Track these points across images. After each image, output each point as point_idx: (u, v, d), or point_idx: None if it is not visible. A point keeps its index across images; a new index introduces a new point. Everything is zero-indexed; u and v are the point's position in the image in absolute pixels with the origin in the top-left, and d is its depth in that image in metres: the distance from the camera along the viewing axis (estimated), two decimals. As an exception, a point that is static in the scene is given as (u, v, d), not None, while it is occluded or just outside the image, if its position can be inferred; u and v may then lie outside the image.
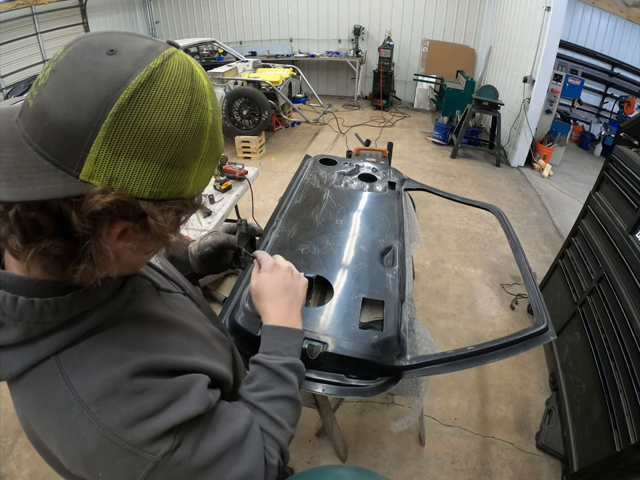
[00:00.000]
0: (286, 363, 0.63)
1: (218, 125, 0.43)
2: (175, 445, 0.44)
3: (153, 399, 0.43)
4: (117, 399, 0.42)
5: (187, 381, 0.47)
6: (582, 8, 5.66)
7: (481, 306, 2.62)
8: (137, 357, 0.45)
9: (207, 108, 0.40)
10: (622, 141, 1.95)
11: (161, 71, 0.37)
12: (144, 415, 0.42)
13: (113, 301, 0.47)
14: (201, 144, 0.41)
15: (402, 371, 1.07)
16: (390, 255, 1.42)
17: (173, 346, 0.50)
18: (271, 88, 4.72)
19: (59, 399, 0.41)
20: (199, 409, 0.47)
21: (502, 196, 4.17)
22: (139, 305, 0.51)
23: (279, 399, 0.60)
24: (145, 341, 0.48)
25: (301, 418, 2.10)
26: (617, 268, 1.64)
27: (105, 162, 0.35)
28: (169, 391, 0.45)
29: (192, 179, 0.42)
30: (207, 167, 0.44)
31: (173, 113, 0.37)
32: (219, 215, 2.14)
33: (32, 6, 5.32)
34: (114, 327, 0.46)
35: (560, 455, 1.70)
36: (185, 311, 0.59)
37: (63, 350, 0.42)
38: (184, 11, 7.82)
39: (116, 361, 0.43)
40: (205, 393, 0.48)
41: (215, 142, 0.43)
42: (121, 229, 0.39)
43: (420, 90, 7.17)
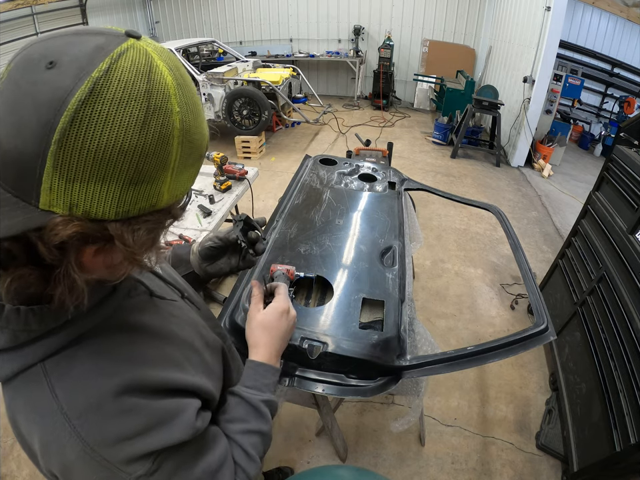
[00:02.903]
0: (265, 399, 0.64)
1: (190, 125, 0.39)
2: (152, 469, 0.44)
3: (136, 421, 0.43)
4: (100, 416, 0.41)
5: (175, 407, 0.46)
6: (582, 8, 5.66)
7: (481, 306, 2.62)
8: (124, 372, 0.44)
9: (171, 111, 0.36)
10: (622, 141, 1.95)
11: (107, 79, 0.33)
12: (125, 436, 0.42)
13: (103, 306, 0.46)
14: (167, 153, 0.37)
15: (402, 370, 1.07)
16: (390, 255, 1.42)
17: (165, 359, 0.49)
18: (271, 88, 4.72)
19: (44, 406, 0.41)
20: (183, 437, 0.46)
21: (502, 196, 4.17)
22: (130, 312, 0.49)
23: (254, 433, 0.61)
24: (134, 353, 0.46)
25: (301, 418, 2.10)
26: (616, 268, 1.64)
27: (60, 190, 0.33)
28: (154, 415, 0.44)
29: (165, 190, 0.39)
30: (185, 172, 0.41)
31: (126, 127, 0.33)
32: (219, 215, 2.13)
33: (32, 6, 5.32)
34: (103, 335, 0.45)
35: (560, 455, 1.70)
36: (180, 319, 0.58)
37: (50, 357, 0.41)
38: (184, 10, 7.82)
39: (103, 375, 0.42)
40: (192, 422, 0.47)
41: (190, 144, 0.39)
42: (91, 251, 0.38)
43: (420, 90, 7.16)
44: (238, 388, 0.64)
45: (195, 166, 0.43)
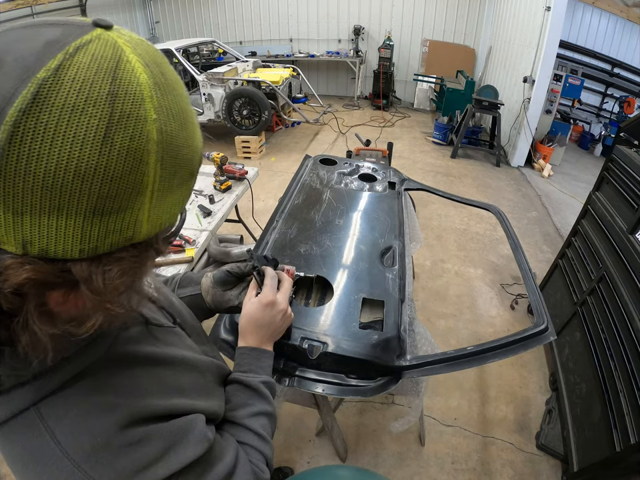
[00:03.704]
0: (263, 380, 0.64)
1: (174, 136, 0.31)
2: None
3: (149, 449, 0.40)
4: (110, 452, 0.38)
5: (185, 424, 0.45)
6: (582, 8, 5.66)
7: (481, 306, 2.62)
8: (127, 403, 0.41)
9: (145, 118, 0.29)
10: (622, 141, 1.95)
11: (56, 80, 0.26)
12: (142, 466, 0.39)
13: (98, 342, 0.42)
14: (141, 173, 0.29)
15: (402, 371, 1.07)
16: (390, 255, 1.42)
17: (166, 387, 0.47)
18: (271, 88, 4.72)
19: (45, 455, 0.37)
20: (199, 452, 0.44)
21: (502, 196, 4.17)
22: (127, 344, 0.46)
23: (260, 415, 0.61)
24: (135, 385, 0.43)
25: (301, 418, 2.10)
26: (616, 268, 1.64)
27: (7, 225, 0.27)
28: (166, 437, 0.42)
29: (144, 218, 0.31)
30: (170, 195, 0.33)
31: (82, 142, 0.26)
32: (219, 215, 2.13)
33: (32, 6, 5.33)
34: (101, 371, 0.41)
35: (560, 455, 1.70)
36: (179, 345, 0.55)
37: (44, 399, 0.37)
38: (184, 11, 7.82)
39: (105, 410, 0.39)
40: (204, 435, 0.46)
41: (173, 161, 0.32)
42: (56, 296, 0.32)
43: (420, 90, 7.17)
44: (235, 375, 0.64)
45: (185, 186, 0.35)
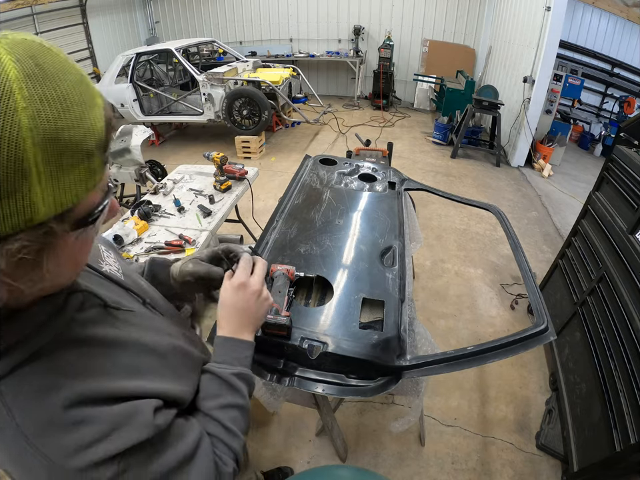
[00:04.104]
0: (235, 372, 0.63)
1: (53, 120, 0.33)
2: (119, 470, 0.44)
3: (91, 429, 0.43)
4: (56, 430, 0.42)
5: (130, 409, 0.46)
6: (582, 8, 5.66)
7: (481, 306, 2.62)
8: (72, 385, 0.43)
9: (14, 108, 0.31)
10: (622, 141, 1.95)
11: None
12: (84, 445, 0.42)
13: (53, 322, 0.45)
14: (19, 158, 0.31)
15: (402, 371, 1.07)
16: (390, 254, 1.42)
17: (119, 369, 0.49)
18: (271, 88, 4.72)
19: (4, 429, 0.41)
20: (143, 436, 0.46)
21: (502, 196, 4.17)
22: (83, 326, 0.48)
23: (230, 408, 0.60)
24: (85, 366, 0.46)
25: (301, 418, 2.09)
26: (616, 268, 1.64)
27: None
28: (108, 420, 0.44)
29: (37, 200, 0.33)
30: (66, 175, 0.35)
31: None
32: (219, 215, 2.14)
33: (32, 6, 5.32)
34: (56, 351, 0.44)
35: (560, 455, 1.70)
36: (140, 326, 0.57)
37: (4, 377, 0.41)
38: (184, 11, 7.82)
39: (52, 390, 0.42)
40: (149, 421, 0.47)
41: (55, 142, 0.33)
42: None
43: (420, 90, 7.16)
44: (208, 365, 0.64)
45: (82, 166, 0.37)
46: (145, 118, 5.16)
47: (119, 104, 5.02)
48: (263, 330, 1.04)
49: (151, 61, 5.55)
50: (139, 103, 5.08)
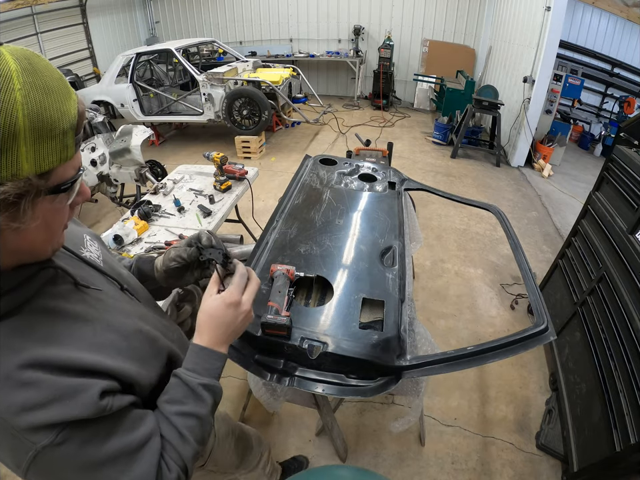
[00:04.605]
0: (203, 383, 0.63)
1: (38, 101, 0.43)
2: (57, 441, 0.47)
3: (37, 394, 0.46)
4: (7, 387, 0.46)
5: (77, 385, 0.49)
6: (582, 8, 5.66)
7: (481, 306, 2.62)
8: (31, 348, 0.48)
9: (12, 88, 0.41)
10: (622, 141, 1.94)
11: None
12: (27, 407, 0.46)
13: (21, 290, 0.50)
14: (12, 124, 0.41)
15: (402, 371, 1.07)
16: (390, 254, 1.42)
17: (79, 341, 0.53)
18: (271, 88, 4.72)
19: None
20: (85, 414, 0.48)
21: (502, 196, 4.17)
22: (53, 298, 0.54)
23: (190, 416, 0.61)
24: (47, 333, 0.51)
25: (301, 418, 2.08)
26: (616, 268, 1.64)
27: None
28: (55, 389, 0.48)
29: (22, 159, 0.43)
30: (43, 144, 0.45)
31: None
32: (219, 215, 2.14)
33: (32, 6, 5.32)
34: (22, 316, 0.50)
35: (560, 455, 1.70)
36: (109, 306, 0.62)
37: None
38: (184, 11, 7.82)
39: (12, 350, 0.47)
40: (94, 401, 0.49)
41: (40, 116, 0.43)
42: None
43: (420, 90, 7.16)
44: (179, 370, 0.65)
45: (59, 140, 0.46)
46: (145, 118, 5.16)
47: (119, 104, 5.02)
48: (263, 330, 1.04)
49: (150, 61, 5.55)
50: (139, 103, 5.09)
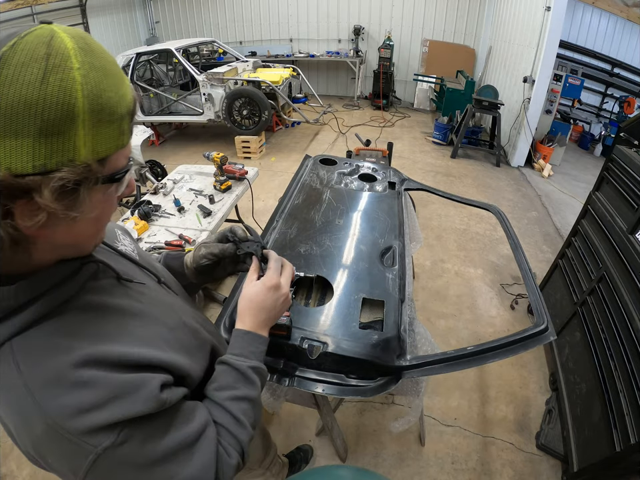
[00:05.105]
0: (252, 365, 0.65)
1: (97, 82, 0.41)
2: (118, 440, 0.44)
3: (94, 393, 0.44)
4: (59, 388, 0.43)
5: (136, 380, 0.47)
6: (582, 8, 5.65)
7: (481, 306, 2.62)
8: (83, 347, 0.45)
9: (71, 67, 0.39)
10: (622, 141, 1.94)
11: (13, 51, 0.37)
12: (84, 408, 0.43)
13: (64, 287, 0.48)
14: (71, 105, 0.39)
15: (402, 371, 1.07)
16: (390, 255, 1.42)
17: (130, 336, 0.51)
18: (271, 88, 4.72)
19: (10, 383, 0.43)
20: (146, 409, 0.46)
21: (502, 196, 4.17)
22: (97, 293, 0.52)
23: (243, 400, 0.61)
24: (96, 330, 0.48)
25: (301, 418, 2.08)
26: (616, 268, 1.64)
27: None
28: (114, 386, 0.45)
29: (80, 144, 0.40)
30: (102, 128, 0.42)
31: (28, 84, 0.37)
32: (219, 215, 2.13)
33: (32, 6, 5.32)
34: (68, 313, 0.47)
35: (560, 455, 1.70)
36: (152, 299, 0.60)
37: (15, 336, 0.44)
38: (184, 11, 7.81)
39: (62, 350, 0.44)
40: (155, 394, 0.48)
41: (98, 99, 0.41)
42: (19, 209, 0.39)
43: (420, 90, 7.16)
44: (225, 356, 0.66)
45: (116, 125, 0.44)
46: (145, 118, 5.16)
47: (119, 104, 5.01)
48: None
49: (150, 60, 5.54)
50: (139, 103, 5.07)
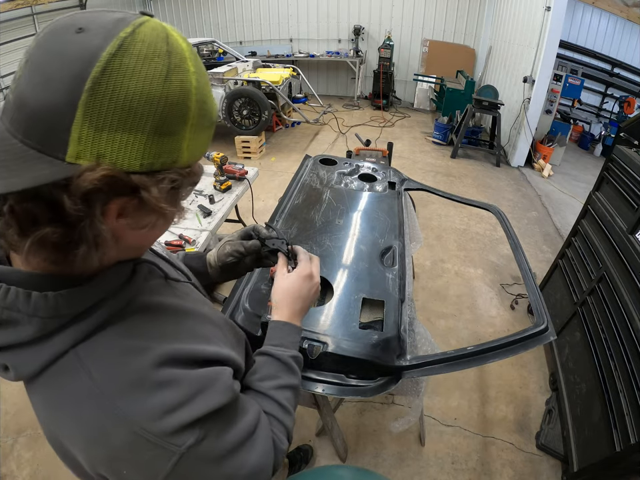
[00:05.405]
0: (292, 355, 0.67)
1: (204, 86, 0.42)
2: (200, 436, 0.43)
3: (178, 391, 0.43)
4: (143, 391, 0.41)
5: (212, 373, 0.48)
6: (582, 8, 5.66)
7: (481, 306, 2.62)
8: (156, 347, 0.44)
9: (188, 70, 0.39)
10: (622, 141, 1.94)
11: (133, 39, 0.35)
12: (171, 407, 0.42)
13: (125, 290, 0.46)
14: (187, 107, 0.39)
15: (402, 371, 1.07)
16: (390, 254, 1.42)
17: (191, 334, 0.50)
18: (271, 88, 4.72)
19: (82, 394, 0.40)
20: (224, 400, 0.47)
21: (502, 196, 4.17)
22: (150, 294, 0.50)
23: (286, 388, 0.64)
24: (161, 330, 0.47)
25: (301, 418, 2.08)
26: (616, 268, 1.64)
27: (88, 140, 0.34)
28: (194, 382, 0.45)
29: (184, 147, 0.40)
30: (201, 133, 0.43)
31: (152, 78, 0.35)
32: (219, 215, 2.13)
33: (32, 6, 5.32)
34: (128, 317, 0.45)
35: (560, 455, 1.70)
36: (196, 298, 0.60)
37: (79, 344, 0.41)
38: (184, 11, 7.82)
39: (137, 352, 0.43)
40: (230, 384, 0.49)
41: (204, 104, 0.41)
42: (116, 206, 0.38)
43: (420, 90, 7.17)
44: (265, 347, 0.68)
45: (209, 130, 0.45)
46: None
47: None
48: (263, 330, 1.04)
49: (151, 61, 5.54)
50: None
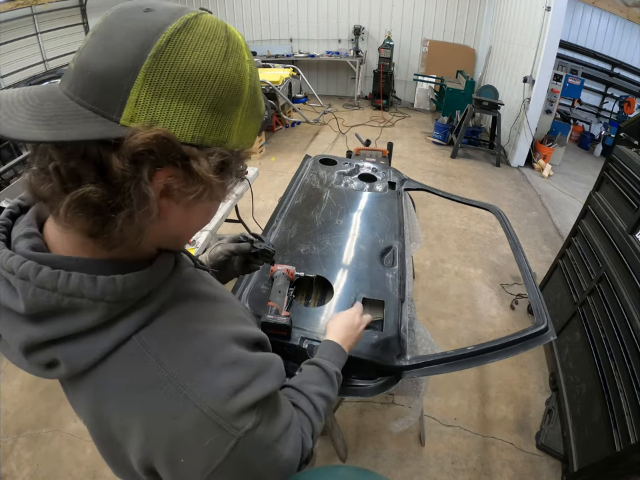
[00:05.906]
0: (337, 371, 0.76)
1: (257, 77, 0.44)
2: (257, 421, 0.43)
3: (243, 371, 0.43)
4: (211, 371, 0.41)
5: (267, 357, 0.49)
6: (582, 8, 5.65)
7: (481, 306, 2.62)
8: (214, 328, 0.45)
9: (244, 57, 0.41)
10: (622, 141, 1.95)
11: (196, 21, 0.38)
12: (238, 387, 0.42)
13: (173, 277, 0.47)
14: (241, 89, 0.40)
15: (402, 371, 1.07)
16: (390, 254, 1.42)
17: (232, 318, 0.51)
18: (271, 88, 4.72)
19: (148, 379, 0.40)
20: (277, 385, 0.48)
21: (502, 196, 4.17)
22: (187, 282, 0.51)
23: (324, 397, 0.69)
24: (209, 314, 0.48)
25: (301, 418, 2.02)
26: (616, 268, 1.64)
27: (145, 104, 0.35)
28: (254, 364, 0.45)
29: (235, 129, 0.41)
30: (250, 121, 0.44)
31: (211, 56, 0.37)
32: (219, 215, 2.13)
33: (32, 6, 5.32)
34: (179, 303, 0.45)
35: (560, 455, 1.70)
36: (219, 286, 0.60)
37: (141, 329, 0.41)
38: (184, 11, 7.82)
39: (198, 334, 0.43)
40: (282, 370, 0.50)
41: (255, 93, 0.43)
42: (164, 174, 0.37)
43: (420, 90, 7.16)
44: (317, 358, 0.77)
45: (257, 120, 0.46)
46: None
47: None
48: (263, 330, 1.04)
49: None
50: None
